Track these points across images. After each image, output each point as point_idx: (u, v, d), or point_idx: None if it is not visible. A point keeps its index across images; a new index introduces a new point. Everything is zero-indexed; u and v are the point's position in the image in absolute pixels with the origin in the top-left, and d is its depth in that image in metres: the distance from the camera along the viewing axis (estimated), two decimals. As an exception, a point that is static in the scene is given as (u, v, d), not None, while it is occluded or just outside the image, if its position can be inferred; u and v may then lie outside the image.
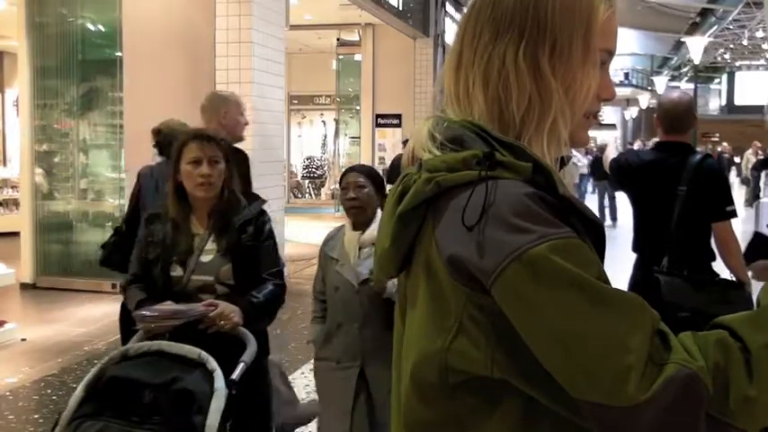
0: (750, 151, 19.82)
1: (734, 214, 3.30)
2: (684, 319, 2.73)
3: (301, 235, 9.31)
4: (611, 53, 0.96)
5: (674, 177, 3.29)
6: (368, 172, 2.86)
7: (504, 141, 0.89)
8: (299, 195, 18.75)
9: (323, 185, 18.76)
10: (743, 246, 3.23)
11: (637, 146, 22.16)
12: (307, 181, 19.11)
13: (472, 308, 0.84)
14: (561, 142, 0.93)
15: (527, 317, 0.80)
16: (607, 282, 0.81)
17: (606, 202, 13.45)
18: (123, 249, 3.34)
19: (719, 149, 23.55)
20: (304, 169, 19.15)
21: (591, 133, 1.06)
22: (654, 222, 3.44)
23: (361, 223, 2.83)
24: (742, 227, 8.77)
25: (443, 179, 0.88)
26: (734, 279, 3.33)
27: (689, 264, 3.29)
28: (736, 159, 22.73)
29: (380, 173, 3.06)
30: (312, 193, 18.95)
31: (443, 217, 0.88)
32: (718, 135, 33.51)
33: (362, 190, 2.76)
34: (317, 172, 18.99)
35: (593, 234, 0.88)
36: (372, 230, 2.77)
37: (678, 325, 0.86)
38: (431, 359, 0.88)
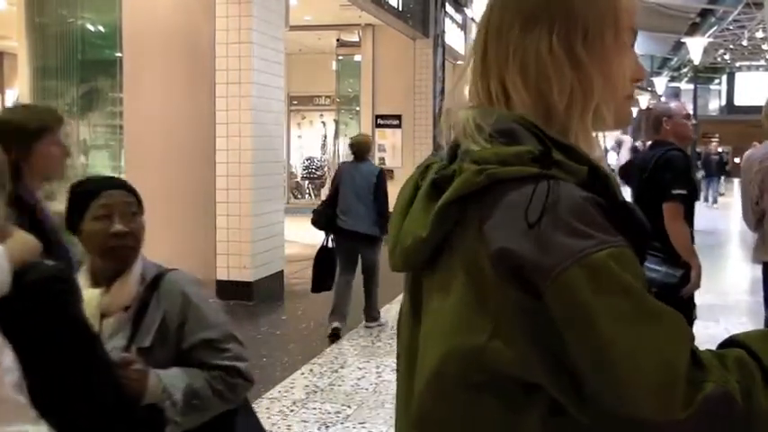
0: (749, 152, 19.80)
1: (680, 197, 3.59)
2: None
3: (301, 235, 9.31)
4: (635, 31, 0.96)
5: (645, 168, 3.76)
6: (132, 188, 1.89)
7: (559, 142, 0.88)
8: (299, 196, 18.73)
9: (323, 186, 18.75)
10: None
11: (637, 146, 22.18)
12: (306, 182, 19.11)
13: (513, 307, 0.82)
14: (607, 127, 0.95)
15: (579, 321, 0.78)
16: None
17: None
18: (326, 215, 5.85)
19: (694, 149, 23.53)
20: (304, 170, 19.15)
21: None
22: None
23: (112, 274, 1.82)
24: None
25: (495, 172, 0.85)
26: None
27: None
28: (736, 160, 22.73)
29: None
30: (312, 193, 18.93)
31: (496, 210, 0.84)
32: (718, 135, 33.50)
33: (135, 218, 1.84)
34: (317, 173, 18.98)
35: (639, 241, 0.87)
36: (127, 283, 1.81)
37: None
38: (462, 354, 0.86)
